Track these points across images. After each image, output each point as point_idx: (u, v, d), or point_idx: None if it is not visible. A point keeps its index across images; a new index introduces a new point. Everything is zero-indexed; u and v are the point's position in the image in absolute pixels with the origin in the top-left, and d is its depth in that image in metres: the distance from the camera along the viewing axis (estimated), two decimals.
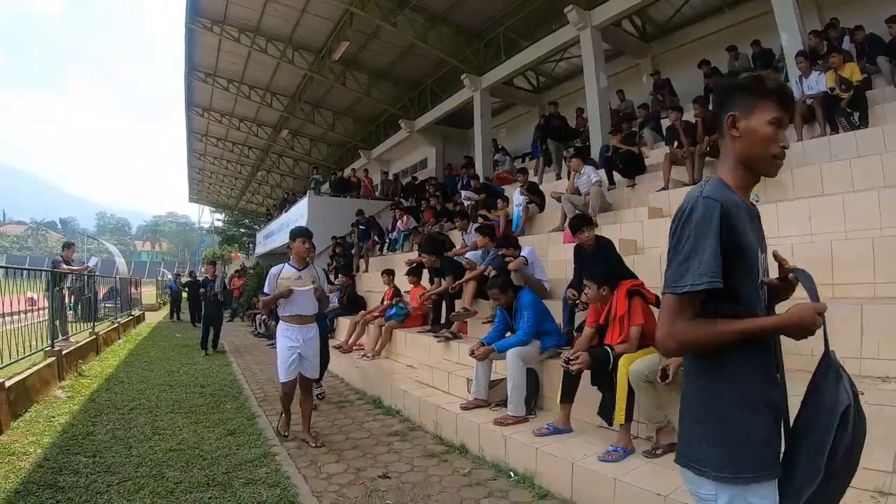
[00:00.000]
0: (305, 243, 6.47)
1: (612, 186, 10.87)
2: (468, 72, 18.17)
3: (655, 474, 4.06)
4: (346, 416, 7.47)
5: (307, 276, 6.44)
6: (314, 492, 4.79)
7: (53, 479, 4.93)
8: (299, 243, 6.40)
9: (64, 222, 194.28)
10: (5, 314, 7.62)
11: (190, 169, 42.94)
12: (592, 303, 5.37)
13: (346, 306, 13.37)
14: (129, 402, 8.02)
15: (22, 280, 8.46)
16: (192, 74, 24.29)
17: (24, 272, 8.80)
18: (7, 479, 4.90)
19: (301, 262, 6.53)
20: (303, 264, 6.52)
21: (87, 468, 5.24)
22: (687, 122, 9.83)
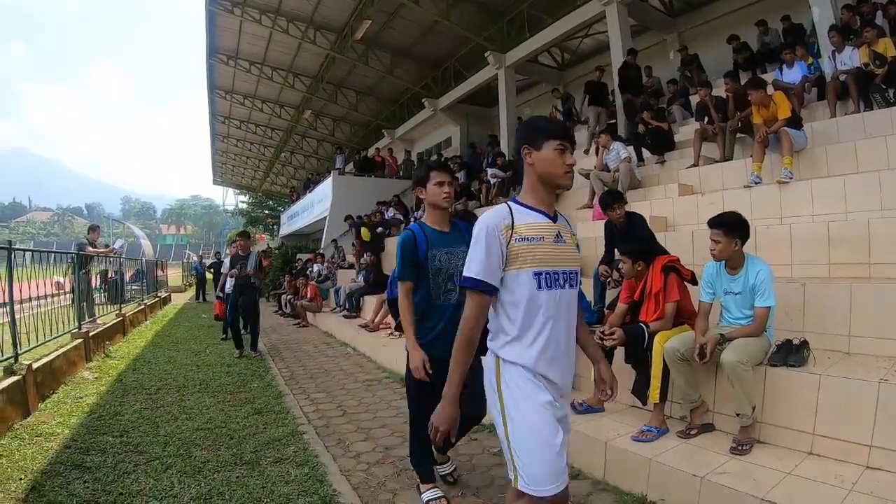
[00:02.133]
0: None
1: (641, 163, 10.72)
2: (492, 49, 18.00)
3: (691, 455, 4.01)
4: (373, 394, 7.46)
5: None
6: (343, 470, 4.80)
7: (81, 459, 4.98)
8: None
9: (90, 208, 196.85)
10: (33, 298, 7.67)
11: (213, 152, 43.06)
12: (627, 278, 5.27)
13: (371, 285, 13.40)
14: (156, 383, 8.10)
15: (49, 265, 8.51)
16: (213, 57, 24.27)
17: (50, 256, 8.84)
18: (35, 459, 4.94)
19: None
20: None
21: (115, 448, 5.28)
22: (718, 97, 9.64)
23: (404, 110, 26.48)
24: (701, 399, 4.40)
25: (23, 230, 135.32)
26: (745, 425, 4.00)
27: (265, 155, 41.27)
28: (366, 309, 13.01)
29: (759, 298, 4.23)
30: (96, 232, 13.41)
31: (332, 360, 10.06)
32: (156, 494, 4.23)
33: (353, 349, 10.76)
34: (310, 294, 15.64)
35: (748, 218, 4.46)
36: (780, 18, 11.66)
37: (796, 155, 7.33)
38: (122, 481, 4.49)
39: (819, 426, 3.83)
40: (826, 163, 7.38)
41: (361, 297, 13.54)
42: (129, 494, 4.25)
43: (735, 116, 9.04)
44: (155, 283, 21.39)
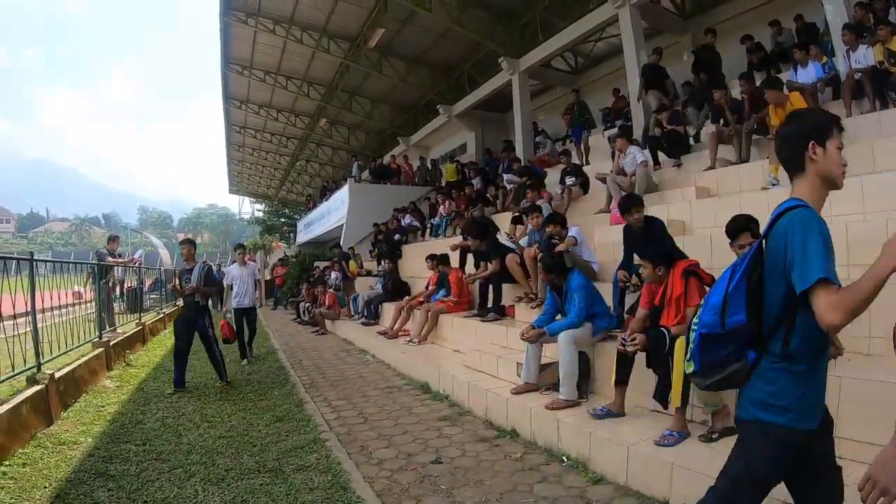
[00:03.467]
0: None
1: (657, 167, 10.73)
2: (505, 55, 18.01)
3: (713, 458, 3.92)
4: (394, 401, 7.50)
5: None
6: (366, 477, 4.82)
7: (104, 467, 5.06)
8: None
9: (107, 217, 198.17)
10: (53, 308, 7.76)
11: (229, 161, 43.37)
12: (648, 283, 5.30)
13: (390, 292, 13.45)
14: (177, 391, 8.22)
15: (68, 274, 8.61)
16: (228, 67, 24.51)
17: (69, 266, 8.96)
18: (58, 467, 5.02)
19: None
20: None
21: (138, 456, 5.37)
22: (734, 99, 9.64)
23: (419, 117, 26.57)
24: (722, 402, 4.40)
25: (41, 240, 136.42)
26: None
27: (281, 163, 41.48)
28: (384, 316, 13.05)
29: None
30: (116, 242, 13.58)
31: (352, 367, 10.10)
32: (180, 502, 4.30)
33: (373, 356, 10.81)
34: (328, 302, 15.70)
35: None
36: (793, 18, 11.62)
37: None
38: (146, 489, 4.57)
39: (839, 428, 3.81)
40: None
41: (380, 304, 13.59)
42: (154, 502, 4.34)
43: (751, 118, 9.01)
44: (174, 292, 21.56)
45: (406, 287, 13.45)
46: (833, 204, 6.46)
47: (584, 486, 4.38)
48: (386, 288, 13.78)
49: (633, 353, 4.87)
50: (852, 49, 8.78)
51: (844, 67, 8.98)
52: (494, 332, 8.35)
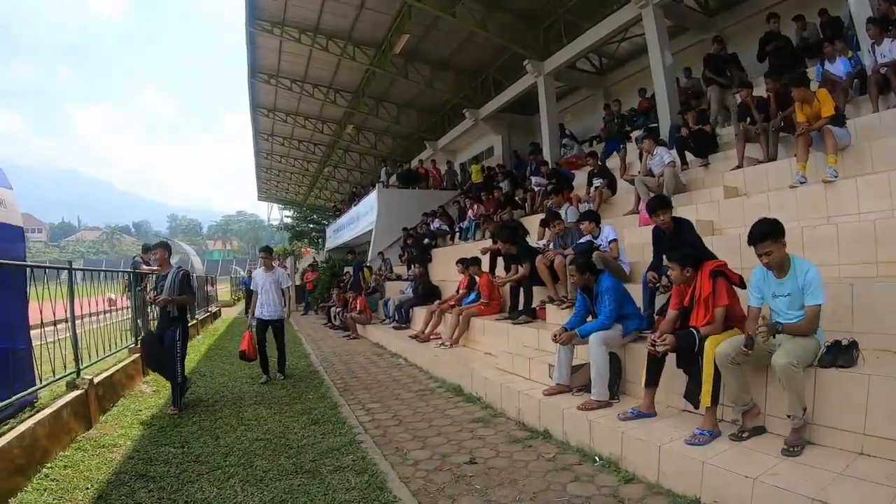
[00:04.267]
0: None
1: (684, 167, 10.70)
2: (530, 57, 17.95)
3: (743, 457, 4.05)
4: (427, 403, 7.59)
5: None
6: (402, 478, 4.91)
7: (144, 469, 5.21)
8: None
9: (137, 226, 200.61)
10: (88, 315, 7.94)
11: (258, 168, 43.72)
12: (676, 284, 5.32)
13: (421, 296, 13.54)
14: (213, 395, 8.39)
15: (101, 282, 8.78)
16: (255, 77, 24.72)
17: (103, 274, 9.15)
18: (99, 469, 5.19)
19: None
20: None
21: (177, 458, 5.51)
22: (759, 97, 9.58)
23: (445, 121, 26.55)
24: (752, 402, 4.44)
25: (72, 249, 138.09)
26: (796, 427, 4.03)
27: (309, 170, 41.71)
28: (415, 320, 13.16)
29: (808, 297, 4.27)
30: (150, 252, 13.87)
31: (385, 370, 10.21)
32: (220, 502, 4.44)
33: (405, 360, 10.91)
34: (359, 306, 15.83)
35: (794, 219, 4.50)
36: (817, 12, 11.53)
37: (840, 152, 7.27)
38: (186, 490, 4.71)
39: (869, 426, 3.85)
40: (871, 159, 7.28)
41: (411, 308, 13.69)
42: (195, 502, 4.48)
43: (777, 116, 8.98)
44: (206, 299, 21.83)
45: (436, 291, 13.55)
46: (861, 201, 6.50)
47: (616, 486, 4.43)
48: (416, 292, 13.89)
49: (664, 353, 4.93)
50: (877, 43, 8.71)
51: (870, 62, 8.92)
52: (526, 335, 8.41)
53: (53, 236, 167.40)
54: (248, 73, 24.45)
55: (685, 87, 14.19)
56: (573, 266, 6.50)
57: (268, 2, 18.66)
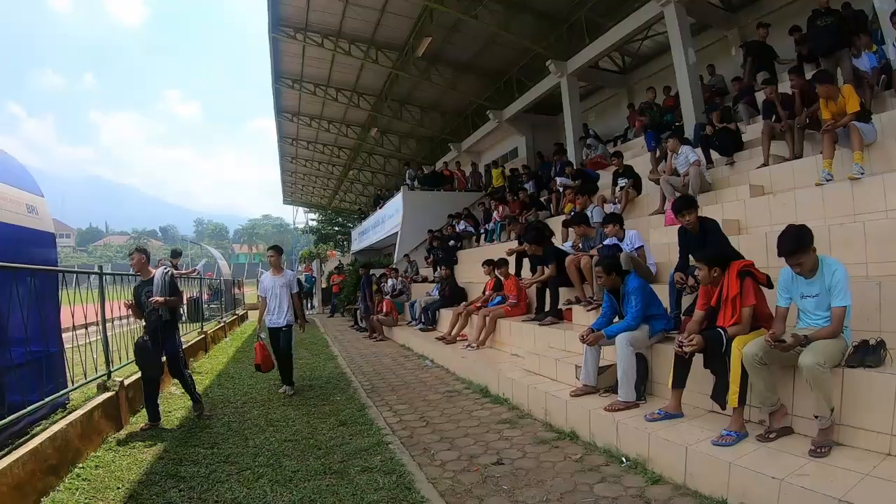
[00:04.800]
0: None
1: (710, 165, 10.61)
2: (553, 57, 17.97)
3: (770, 458, 4.04)
4: (454, 405, 7.63)
5: None
6: (430, 478, 4.96)
7: (175, 469, 5.31)
8: None
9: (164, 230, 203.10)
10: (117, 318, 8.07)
11: (283, 172, 43.99)
12: (703, 284, 5.30)
13: (447, 298, 13.60)
14: (242, 396, 8.50)
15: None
16: (279, 82, 24.99)
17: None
18: (130, 469, 5.30)
19: None
20: None
21: (207, 459, 5.61)
22: (784, 94, 9.48)
23: (469, 123, 26.56)
24: (780, 402, 4.42)
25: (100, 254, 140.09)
26: (824, 427, 4.01)
27: (333, 173, 41.89)
28: (442, 322, 13.21)
29: (835, 298, 4.25)
30: (179, 257, 14.07)
31: (411, 372, 10.28)
32: (250, 502, 4.51)
33: (432, 361, 10.96)
34: (385, 308, 15.90)
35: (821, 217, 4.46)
36: (840, 6, 11.40)
37: (867, 149, 7.20)
38: (216, 490, 4.79)
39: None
40: None
41: (437, 310, 13.75)
42: (225, 502, 4.56)
43: (802, 112, 8.90)
44: (233, 302, 22.08)
45: (463, 293, 13.60)
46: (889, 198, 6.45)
47: (643, 487, 4.44)
48: (443, 294, 13.94)
49: (691, 354, 4.91)
50: None
51: (894, 56, 8.86)
52: (553, 336, 8.44)
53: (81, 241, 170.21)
54: (271, 79, 24.70)
55: (709, 85, 14.08)
56: (600, 267, 6.50)
57: (290, 8, 18.89)
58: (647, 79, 18.60)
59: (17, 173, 7.30)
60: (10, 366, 5.56)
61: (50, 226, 7.59)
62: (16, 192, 6.84)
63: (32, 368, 5.87)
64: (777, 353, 4.24)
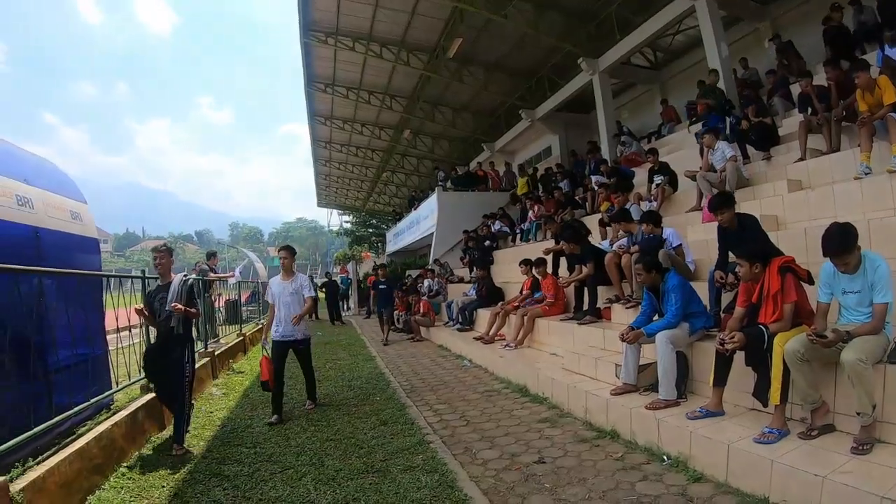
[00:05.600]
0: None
1: (746, 161, 10.50)
2: (584, 55, 17.89)
3: (812, 455, 4.02)
4: (493, 404, 7.69)
5: None
6: (472, 476, 5.02)
7: (218, 468, 5.45)
8: None
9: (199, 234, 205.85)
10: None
11: (316, 175, 44.52)
12: (744, 281, 5.28)
13: (484, 298, 13.64)
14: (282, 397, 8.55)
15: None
16: (311, 86, 25.31)
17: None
18: (174, 468, 5.44)
19: None
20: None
21: (249, 458, 5.75)
22: (819, 86, 9.38)
23: (502, 123, 26.51)
24: (821, 399, 4.40)
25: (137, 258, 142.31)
26: (866, 424, 3.99)
27: (367, 175, 42.18)
28: (479, 322, 13.26)
29: (877, 294, 4.23)
30: (215, 258, 14.26)
31: (450, 372, 10.36)
32: (293, 500, 4.62)
33: (470, 361, 11.01)
34: (422, 309, 15.99)
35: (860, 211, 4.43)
36: None
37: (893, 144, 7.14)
38: (259, 488, 4.91)
39: None
40: None
41: (474, 310, 13.80)
42: (268, 501, 4.66)
43: (839, 105, 8.78)
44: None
45: (500, 292, 13.61)
46: None
47: (685, 485, 4.45)
48: (480, 294, 13.97)
49: (732, 351, 4.91)
50: None
51: None
52: (591, 335, 8.44)
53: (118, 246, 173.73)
54: (304, 83, 25.03)
55: (743, 79, 13.93)
56: (640, 265, 6.51)
57: (320, 13, 19.15)
58: (681, 74, 18.52)
59: (61, 181, 7.53)
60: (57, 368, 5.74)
61: (93, 231, 7.81)
62: (60, 200, 7.05)
63: (78, 370, 6.05)
64: (818, 349, 4.21)
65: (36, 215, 6.29)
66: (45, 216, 6.49)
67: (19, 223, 5.95)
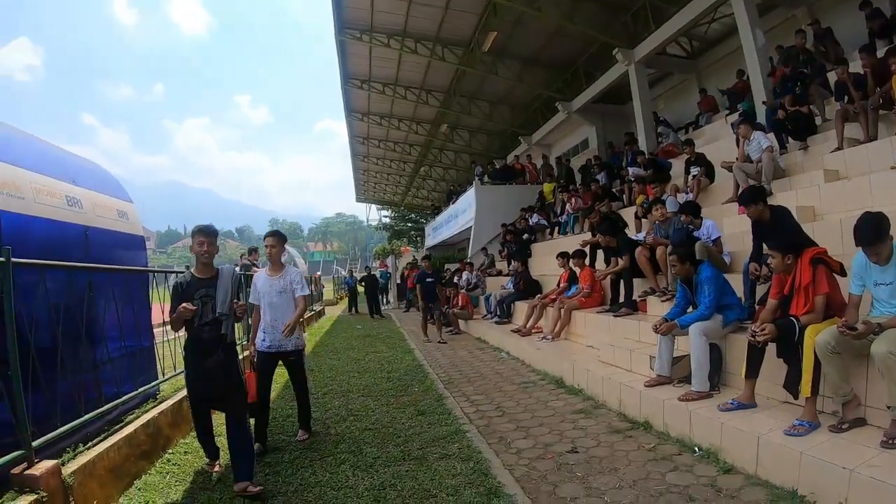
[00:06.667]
0: None
1: (783, 151, 10.39)
2: (619, 46, 17.74)
3: (842, 448, 4.01)
4: (529, 395, 7.78)
5: None
6: (506, 465, 5.13)
7: (260, 456, 5.57)
8: None
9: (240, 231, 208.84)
10: None
11: (355, 170, 44.79)
12: (777, 272, 5.27)
13: (521, 291, 13.69)
14: (322, 388, 8.79)
15: None
16: (347, 83, 25.51)
17: None
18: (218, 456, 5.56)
19: None
20: None
21: (290, 446, 5.95)
22: (856, 74, 9.23)
23: (538, 115, 26.39)
24: (853, 393, 4.37)
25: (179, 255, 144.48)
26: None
27: (405, 170, 42.39)
28: (517, 314, 13.35)
29: None
30: (255, 253, 14.45)
31: (487, 364, 10.46)
32: (333, 486, 4.76)
33: (507, 353, 11.13)
34: (461, 302, 16.09)
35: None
36: None
37: None
38: (300, 475, 5.08)
39: None
40: None
41: (512, 303, 13.86)
42: (308, 486, 4.81)
43: (875, 92, 8.67)
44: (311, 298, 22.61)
45: (537, 285, 13.66)
46: None
47: (715, 476, 4.49)
48: (518, 287, 14.03)
49: (764, 343, 4.90)
50: None
51: None
52: (627, 327, 8.47)
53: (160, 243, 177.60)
54: (340, 80, 25.24)
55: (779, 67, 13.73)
56: (674, 256, 6.52)
57: (355, 11, 19.28)
58: (717, 62, 18.31)
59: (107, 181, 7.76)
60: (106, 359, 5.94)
61: (139, 229, 8.04)
62: (108, 200, 7.25)
63: (126, 361, 6.27)
64: (849, 341, 4.19)
65: (85, 215, 6.48)
66: (94, 215, 6.67)
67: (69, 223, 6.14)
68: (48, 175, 5.92)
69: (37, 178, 5.64)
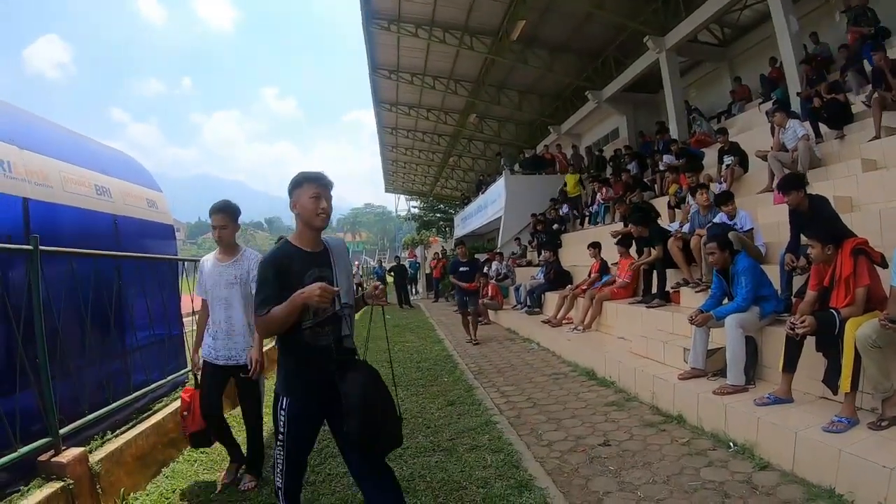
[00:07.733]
0: None
1: (819, 140, 10.20)
2: (650, 33, 17.51)
3: (882, 446, 3.93)
4: (560, 387, 7.76)
5: None
6: (537, 457, 5.12)
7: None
8: None
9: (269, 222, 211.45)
10: None
11: (384, 161, 44.79)
12: (816, 263, 5.21)
13: (552, 281, 13.64)
14: None
15: None
16: (375, 73, 25.44)
17: None
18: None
19: None
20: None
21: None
22: (894, 60, 9.07)
23: (568, 105, 26.19)
24: (893, 388, 4.27)
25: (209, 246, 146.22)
26: None
27: (434, 160, 42.27)
28: (547, 305, 13.30)
29: None
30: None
31: (517, 355, 10.46)
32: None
33: (538, 344, 11.13)
34: (491, 293, 16.06)
35: None
36: None
37: None
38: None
39: None
40: None
41: (542, 293, 13.81)
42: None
43: None
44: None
45: (568, 276, 13.62)
46: None
47: (750, 472, 4.43)
48: (548, 277, 13.98)
49: (802, 336, 4.81)
50: None
51: None
52: (660, 318, 8.39)
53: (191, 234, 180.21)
54: (368, 71, 25.20)
55: (814, 54, 13.47)
56: (713, 244, 6.41)
57: (383, 1, 19.26)
58: (750, 50, 18.01)
59: (137, 171, 7.90)
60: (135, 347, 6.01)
61: (169, 218, 8.14)
62: (138, 189, 7.35)
63: (155, 349, 6.35)
64: (891, 335, 4.12)
65: (114, 203, 6.58)
66: (123, 204, 6.78)
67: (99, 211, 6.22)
68: (76, 164, 5.99)
69: (64, 166, 5.73)
